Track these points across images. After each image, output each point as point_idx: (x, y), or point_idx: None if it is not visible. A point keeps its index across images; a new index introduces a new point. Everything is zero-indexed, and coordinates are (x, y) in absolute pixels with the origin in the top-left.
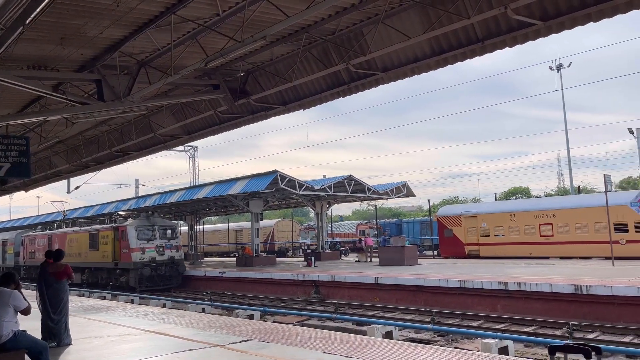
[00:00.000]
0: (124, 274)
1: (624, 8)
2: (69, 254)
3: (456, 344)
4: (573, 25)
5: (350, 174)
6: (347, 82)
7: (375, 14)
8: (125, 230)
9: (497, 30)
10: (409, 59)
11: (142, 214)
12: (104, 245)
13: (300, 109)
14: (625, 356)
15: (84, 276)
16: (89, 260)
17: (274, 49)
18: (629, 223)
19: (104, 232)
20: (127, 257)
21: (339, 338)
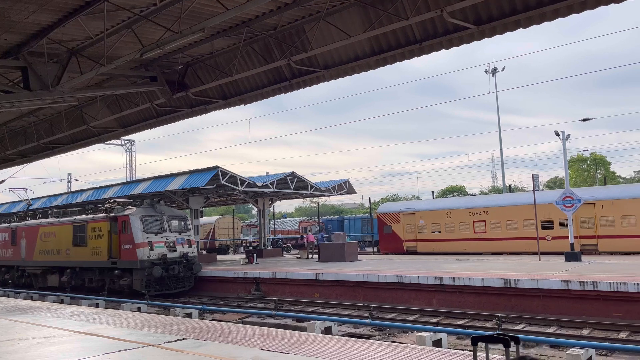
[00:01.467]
0: (125, 276)
1: (550, 16)
2: (41, 252)
3: (393, 338)
4: (504, 30)
5: (293, 171)
6: (288, 78)
7: (317, 11)
8: (128, 220)
9: (434, 32)
10: (349, 57)
11: (146, 201)
12: (96, 239)
13: (241, 103)
14: (550, 346)
15: (64, 278)
16: (73, 259)
17: (215, 42)
18: (554, 220)
19: (96, 224)
20: (130, 254)
21: (277, 335)
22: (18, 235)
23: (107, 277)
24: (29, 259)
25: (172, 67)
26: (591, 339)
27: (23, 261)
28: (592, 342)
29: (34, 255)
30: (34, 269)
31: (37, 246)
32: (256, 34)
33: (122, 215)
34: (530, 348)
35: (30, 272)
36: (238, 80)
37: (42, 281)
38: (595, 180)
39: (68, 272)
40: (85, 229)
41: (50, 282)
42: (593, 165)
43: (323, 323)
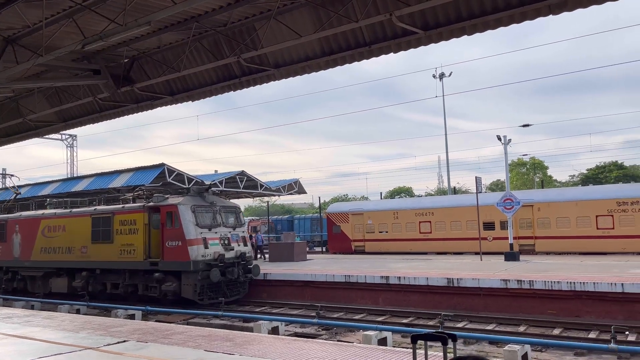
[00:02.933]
0: (169, 280)
1: (493, 24)
2: (44, 250)
3: (340, 337)
4: (450, 36)
5: (242, 170)
6: (238, 76)
7: (267, 9)
8: (176, 211)
9: (383, 36)
10: (300, 57)
11: (193, 189)
12: (127, 235)
13: (189, 100)
14: (489, 343)
15: (78, 282)
16: (92, 259)
17: (162, 36)
18: (495, 221)
19: (127, 216)
20: (177, 254)
21: (222, 335)
22: (9, 229)
23: (142, 282)
24: (25, 258)
25: (117, 60)
26: (527, 335)
27: (16, 261)
28: (528, 339)
29: (33, 254)
30: (32, 270)
31: (37, 243)
32: (205, 29)
33: (168, 205)
34: (471, 345)
35: (27, 275)
36: (186, 76)
37: (43, 286)
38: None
39: (84, 274)
40: (111, 222)
41: (56, 287)
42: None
43: (270, 323)
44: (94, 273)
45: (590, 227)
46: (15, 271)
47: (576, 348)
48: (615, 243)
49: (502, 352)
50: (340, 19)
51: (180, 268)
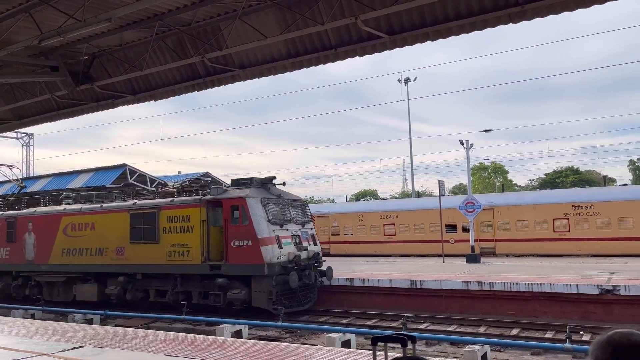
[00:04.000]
0: (235, 286)
1: (456, 31)
2: (67, 251)
3: (304, 340)
4: (414, 41)
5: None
6: (202, 76)
7: (233, 9)
8: (245, 205)
9: (349, 39)
10: (265, 58)
11: (256, 180)
12: (177, 234)
13: (151, 99)
14: (450, 343)
15: (112, 289)
16: (131, 261)
17: (124, 34)
18: (457, 224)
19: (178, 211)
20: (247, 255)
21: (184, 339)
22: (19, 228)
23: (198, 288)
24: (42, 261)
25: (76, 57)
26: (487, 335)
27: (30, 265)
28: (487, 339)
29: (52, 256)
30: (50, 276)
31: (57, 243)
32: (169, 28)
33: (233, 198)
34: (433, 346)
35: (43, 281)
36: (149, 75)
37: (64, 293)
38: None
39: (120, 280)
40: (156, 218)
41: (82, 294)
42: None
43: (233, 326)
44: (132, 278)
45: (548, 230)
46: (27, 276)
47: (533, 348)
48: (570, 245)
49: (462, 353)
50: (306, 21)
51: (250, 272)
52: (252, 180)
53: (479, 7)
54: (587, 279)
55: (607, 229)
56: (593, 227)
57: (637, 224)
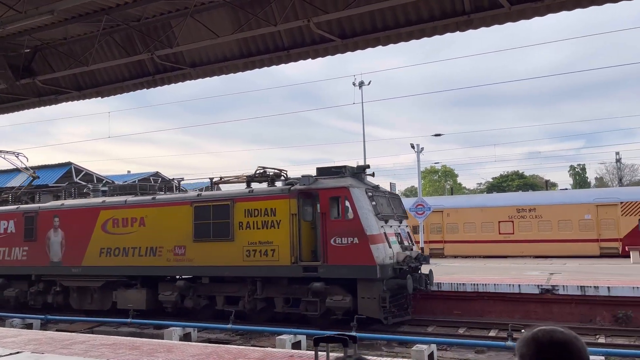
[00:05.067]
0: (335, 292)
1: (405, 37)
2: (106, 251)
3: (254, 342)
4: (366, 46)
5: (157, 171)
6: (152, 74)
7: (184, 7)
8: (348, 196)
9: (301, 41)
10: (218, 57)
11: (348, 169)
12: (258, 230)
13: (98, 96)
14: (398, 343)
15: (168, 295)
16: (196, 263)
17: (69, 27)
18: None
19: (259, 203)
20: (352, 255)
21: (128, 343)
22: (41, 224)
23: (285, 294)
24: (73, 263)
25: (17, 50)
26: (434, 335)
27: (56, 267)
28: (433, 338)
29: (87, 257)
30: (83, 280)
31: (93, 242)
32: (117, 23)
33: (333, 189)
34: (383, 346)
35: (73, 286)
36: (95, 70)
37: (102, 300)
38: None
39: (180, 285)
40: (230, 212)
41: (125, 301)
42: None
43: (182, 330)
44: (195, 283)
45: (494, 232)
46: (51, 281)
47: (477, 346)
48: (515, 247)
49: (410, 352)
50: (259, 21)
51: (357, 275)
52: (345, 168)
53: (428, 15)
54: (528, 280)
55: (548, 231)
56: (535, 229)
57: (575, 226)
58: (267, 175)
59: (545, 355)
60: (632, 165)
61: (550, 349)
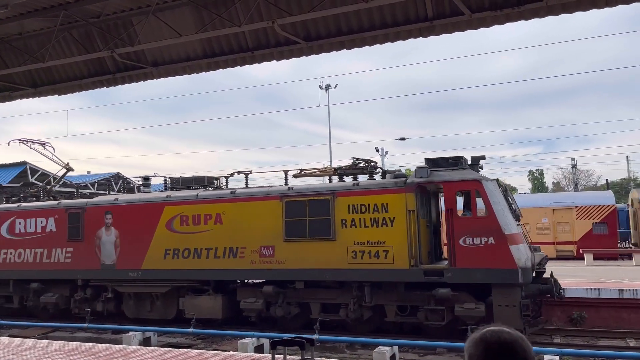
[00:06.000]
0: (465, 298)
1: (370, 41)
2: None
3: (216, 346)
4: (330, 49)
5: (118, 172)
6: (112, 72)
7: (146, 4)
8: (482, 190)
9: (266, 43)
10: (180, 57)
11: (464, 159)
12: (367, 228)
13: (55, 94)
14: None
15: (253, 302)
16: (288, 266)
17: (24, 22)
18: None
19: (367, 198)
20: (487, 257)
21: (84, 349)
22: (89, 222)
23: (398, 301)
24: (130, 266)
25: None
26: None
27: (108, 271)
28: (395, 340)
29: (148, 259)
30: (144, 285)
31: (156, 242)
32: (76, 19)
33: (461, 181)
34: (345, 348)
35: (130, 292)
36: (52, 67)
37: (164, 308)
38: None
39: (267, 290)
40: (330, 208)
41: (195, 309)
42: None
43: (142, 334)
44: (285, 288)
45: None
46: (101, 286)
47: (437, 347)
48: None
49: (373, 355)
50: (223, 21)
51: (495, 280)
52: (462, 159)
53: (392, 20)
54: None
55: None
56: None
57: (533, 229)
58: (363, 167)
59: (493, 355)
60: (587, 171)
61: (498, 349)
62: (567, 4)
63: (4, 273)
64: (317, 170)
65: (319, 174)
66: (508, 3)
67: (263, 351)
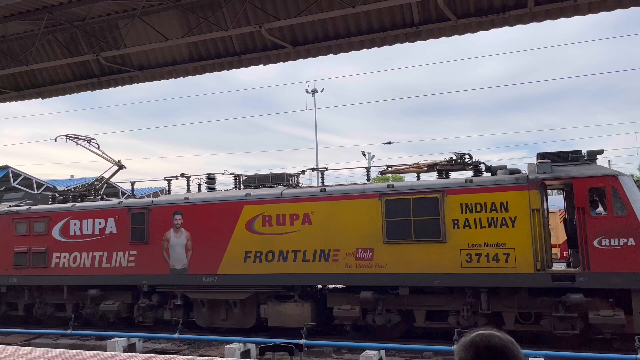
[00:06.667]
0: (599, 305)
1: (357, 46)
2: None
3: (202, 352)
4: (317, 53)
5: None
6: (97, 75)
7: (132, 8)
8: (619, 187)
9: (253, 47)
10: (167, 60)
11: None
12: (483, 229)
13: (38, 97)
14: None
15: (349, 309)
16: (389, 270)
17: (8, 24)
18: None
19: (483, 196)
20: (627, 260)
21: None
22: (155, 222)
23: (519, 308)
24: (204, 270)
25: None
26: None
27: (179, 276)
28: (382, 344)
29: (225, 262)
30: (219, 291)
31: (234, 244)
32: (60, 22)
33: (595, 177)
34: (332, 353)
35: (203, 299)
36: (36, 70)
37: (243, 316)
38: None
39: (366, 296)
40: (439, 206)
41: (279, 317)
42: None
43: (127, 340)
44: (385, 294)
45: None
46: (168, 293)
47: (424, 351)
48: None
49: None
50: (210, 25)
51: (636, 285)
52: (581, 153)
53: (379, 25)
54: None
55: None
56: None
57: None
58: (465, 163)
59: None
60: None
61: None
62: (550, 10)
63: (57, 279)
64: (407, 166)
65: (410, 171)
66: (493, 9)
67: (250, 357)
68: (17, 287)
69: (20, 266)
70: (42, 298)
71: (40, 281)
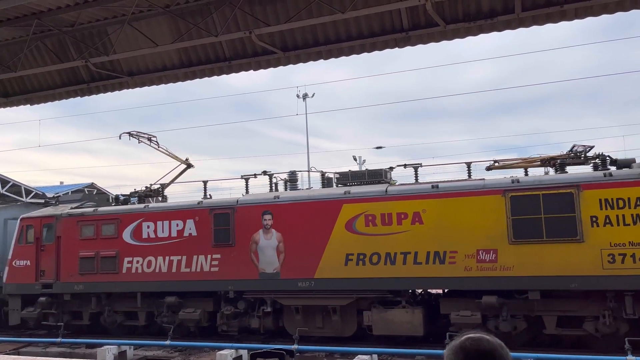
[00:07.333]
0: None
1: (347, 51)
2: (357, 257)
3: (194, 358)
4: (307, 59)
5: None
6: (86, 81)
7: (122, 14)
8: None
9: (243, 52)
10: (157, 66)
11: None
12: (629, 227)
13: (27, 103)
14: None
15: (467, 315)
16: (516, 272)
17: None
18: None
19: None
20: None
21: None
22: (241, 223)
23: None
24: (299, 274)
25: None
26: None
27: (267, 281)
28: (374, 349)
29: (323, 265)
30: (317, 297)
31: (333, 245)
32: (49, 28)
33: None
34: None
35: (299, 306)
36: (24, 77)
37: (342, 323)
38: None
39: (492, 301)
40: (574, 203)
41: (386, 324)
42: None
43: (118, 348)
44: (509, 298)
45: None
46: (257, 299)
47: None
48: None
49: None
50: (199, 31)
51: None
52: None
53: (368, 31)
54: None
55: None
56: None
57: None
58: (589, 157)
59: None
60: None
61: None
62: (537, 16)
63: (130, 285)
64: (516, 160)
65: (520, 165)
66: (481, 15)
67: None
68: (83, 294)
69: (86, 272)
70: (112, 306)
71: (111, 288)
